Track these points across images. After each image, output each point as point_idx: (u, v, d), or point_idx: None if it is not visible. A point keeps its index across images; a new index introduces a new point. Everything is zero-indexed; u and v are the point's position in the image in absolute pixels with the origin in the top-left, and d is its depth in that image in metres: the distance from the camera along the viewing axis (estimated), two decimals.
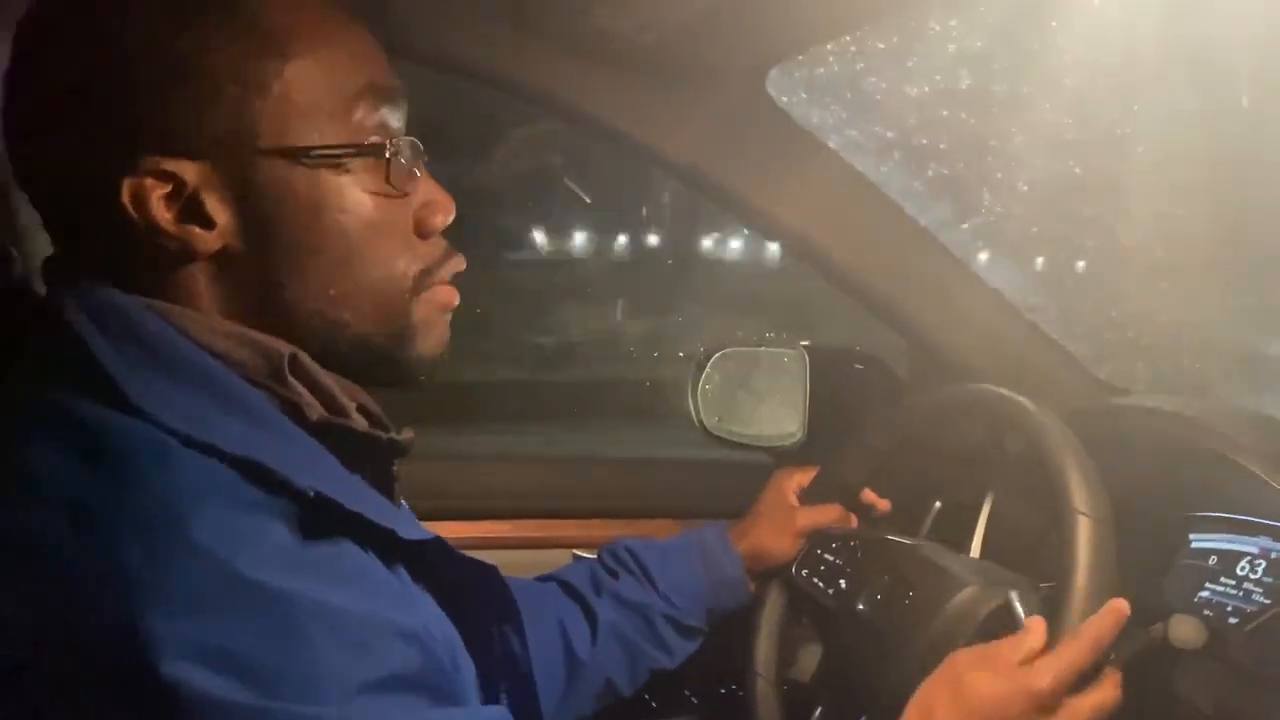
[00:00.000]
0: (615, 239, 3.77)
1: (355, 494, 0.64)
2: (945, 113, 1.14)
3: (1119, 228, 1.17)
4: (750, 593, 1.15)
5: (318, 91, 0.64)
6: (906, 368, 1.44)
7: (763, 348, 1.57)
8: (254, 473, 0.59)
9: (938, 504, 1.19)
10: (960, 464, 1.21)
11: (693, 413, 1.46)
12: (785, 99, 1.19)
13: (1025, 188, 1.15)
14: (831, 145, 1.24)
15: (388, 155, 0.66)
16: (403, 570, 0.66)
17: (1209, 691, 0.89)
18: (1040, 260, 1.29)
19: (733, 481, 1.49)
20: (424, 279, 0.70)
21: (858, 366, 1.45)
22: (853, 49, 1.06)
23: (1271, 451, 1.06)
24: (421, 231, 0.70)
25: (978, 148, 1.14)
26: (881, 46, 1.05)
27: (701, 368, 1.46)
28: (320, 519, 0.60)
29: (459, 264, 0.73)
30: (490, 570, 0.74)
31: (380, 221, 0.67)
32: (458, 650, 0.68)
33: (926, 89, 1.07)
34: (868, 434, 1.18)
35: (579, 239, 3.66)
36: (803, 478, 1.20)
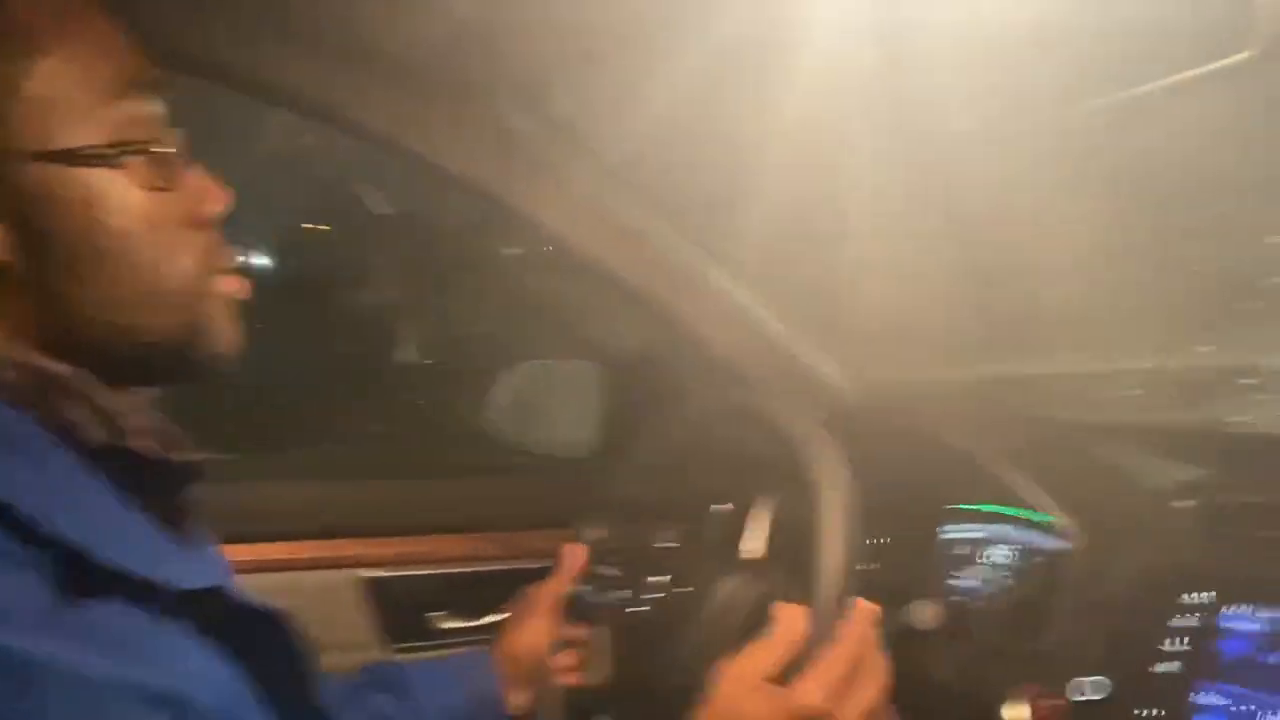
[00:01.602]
0: None
1: (121, 538, 0.61)
2: (714, 132, 1.21)
3: (873, 241, 1.27)
4: (507, 706, 1.09)
5: (73, 89, 0.62)
6: (691, 376, 1.50)
7: (556, 361, 1.61)
8: (9, 520, 0.56)
9: (730, 505, 1.24)
10: (743, 469, 1.28)
11: (491, 424, 1.47)
12: (555, 113, 1.23)
13: (784, 205, 1.24)
14: (604, 160, 1.28)
15: (155, 150, 0.65)
16: (173, 621, 0.62)
17: (952, 666, 0.98)
18: (807, 271, 1.38)
19: (528, 491, 1.51)
20: (204, 272, 0.68)
21: (646, 377, 1.51)
22: (621, 65, 1.11)
23: (1010, 447, 1.18)
24: (196, 223, 0.68)
25: (741, 169, 1.22)
26: (633, 68, 1.10)
27: (499, 382, 1.48)
28: (76, 570, 0.57)
29: (231, 256, 0.71)
30: (278, 614, 0.71)
31: (155, 217, 0.65)
32: (241, 706, 0.65)
33: (693, 110, 1.13)
34: (637, 452, 1.21)
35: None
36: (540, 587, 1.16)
